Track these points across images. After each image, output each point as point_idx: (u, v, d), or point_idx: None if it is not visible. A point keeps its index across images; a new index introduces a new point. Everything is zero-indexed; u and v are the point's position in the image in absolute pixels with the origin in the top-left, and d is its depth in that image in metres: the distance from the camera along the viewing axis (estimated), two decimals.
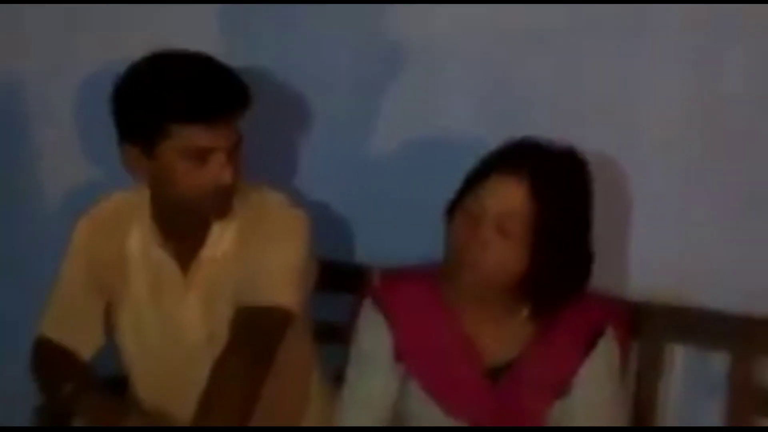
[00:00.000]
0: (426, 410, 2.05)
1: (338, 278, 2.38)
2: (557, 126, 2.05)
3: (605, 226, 2.10)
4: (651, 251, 2.27)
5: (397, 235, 2.43)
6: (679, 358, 2.26)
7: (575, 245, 1.97)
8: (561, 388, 2.02)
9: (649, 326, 2.21)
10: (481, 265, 1.93)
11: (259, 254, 2.09)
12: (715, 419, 2.19)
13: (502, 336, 2.04)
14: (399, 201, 2.46)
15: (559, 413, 2.03)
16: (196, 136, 2.00)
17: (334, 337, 2.38)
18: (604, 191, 2.09)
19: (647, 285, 2.26)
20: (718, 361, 2.20)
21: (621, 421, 2.05)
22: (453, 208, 1.99)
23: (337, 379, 2.28)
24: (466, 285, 1.97)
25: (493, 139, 2.02)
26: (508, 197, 1.90)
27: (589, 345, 2.01)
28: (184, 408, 2.01)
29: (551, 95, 2.29)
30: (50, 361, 2.22)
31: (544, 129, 2.01)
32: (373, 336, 2.08)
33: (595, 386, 2.02)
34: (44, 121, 2.75)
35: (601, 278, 2.08)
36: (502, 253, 1.92)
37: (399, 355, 2.07)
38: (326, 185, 2.52)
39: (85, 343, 2.22)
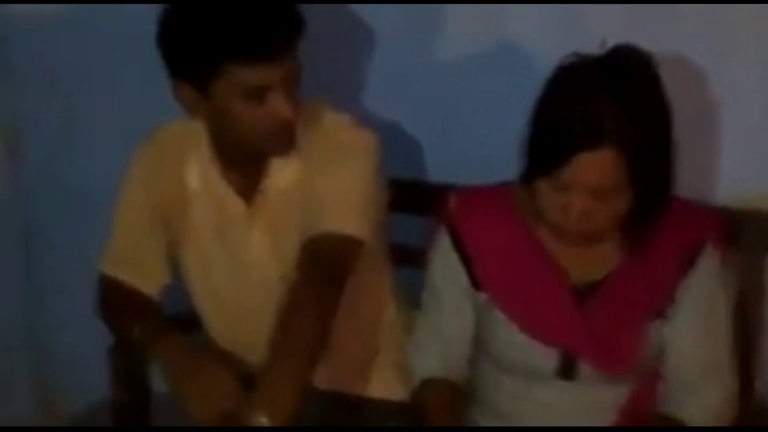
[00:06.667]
0: (512, 338, 1.96)
1: (410, 199, 2.28)
2: (628, 31, 1.91)
3: (694, 132, 1.99)
4: (743, 155, 2.16)
5: (468, 153, 2.36)
6: None
7: (668, 163, 1.86)
8: (657, 309, 1.92)
9: (750, 237, 2.08)
10: (586, 231, 1.86)
11: (326, 181, 2.00)
12: None
13: (589, 255, 1.94)
14: (468, 117, 2.37)
15: (659, 337, 1.93)
16: (252, 74, 1.90)
17: (408, 260, 2.28)
18: (692, 95, 1.99)
19: (741, 192, 2.15)
20: None
21: (726, 347, 1.95)
22: (530, 175, 1.87)
23: (415, 305, 2.19)
24: (570, 240, 1.91)
25: (560, 46, 1.89)
26: (598, 174, 1.78)
27: (688, 262, 1.91)
28: (256, 346, 1.94)
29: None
30: (117, 300, 2.15)
31: (614, 35, 1.87)
32: (446, 272, 2.01)
33: (697, 308, 1.92)
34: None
35: (691, 187, 1.97)
36: (605, 212, 1.83)
37: (479, 286, 1.99)
38: (392, 103, 2.43)
39: (148, 281, 2.15)
